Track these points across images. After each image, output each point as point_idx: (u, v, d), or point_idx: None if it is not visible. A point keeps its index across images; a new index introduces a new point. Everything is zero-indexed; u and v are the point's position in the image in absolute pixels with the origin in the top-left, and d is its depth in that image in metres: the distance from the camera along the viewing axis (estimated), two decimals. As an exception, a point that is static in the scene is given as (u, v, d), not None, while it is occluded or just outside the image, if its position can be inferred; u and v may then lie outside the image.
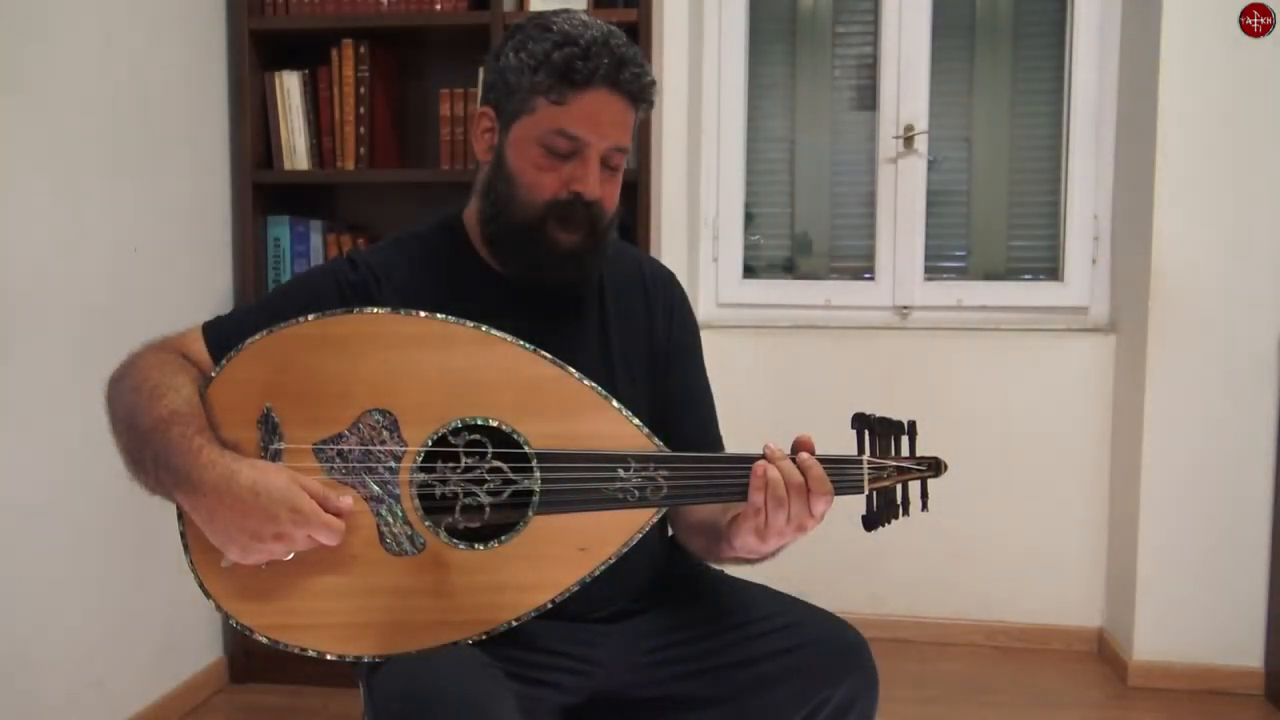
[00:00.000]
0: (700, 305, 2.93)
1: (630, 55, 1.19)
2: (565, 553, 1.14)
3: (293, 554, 1.10)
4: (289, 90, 2.45)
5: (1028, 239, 2.93)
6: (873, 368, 2.82)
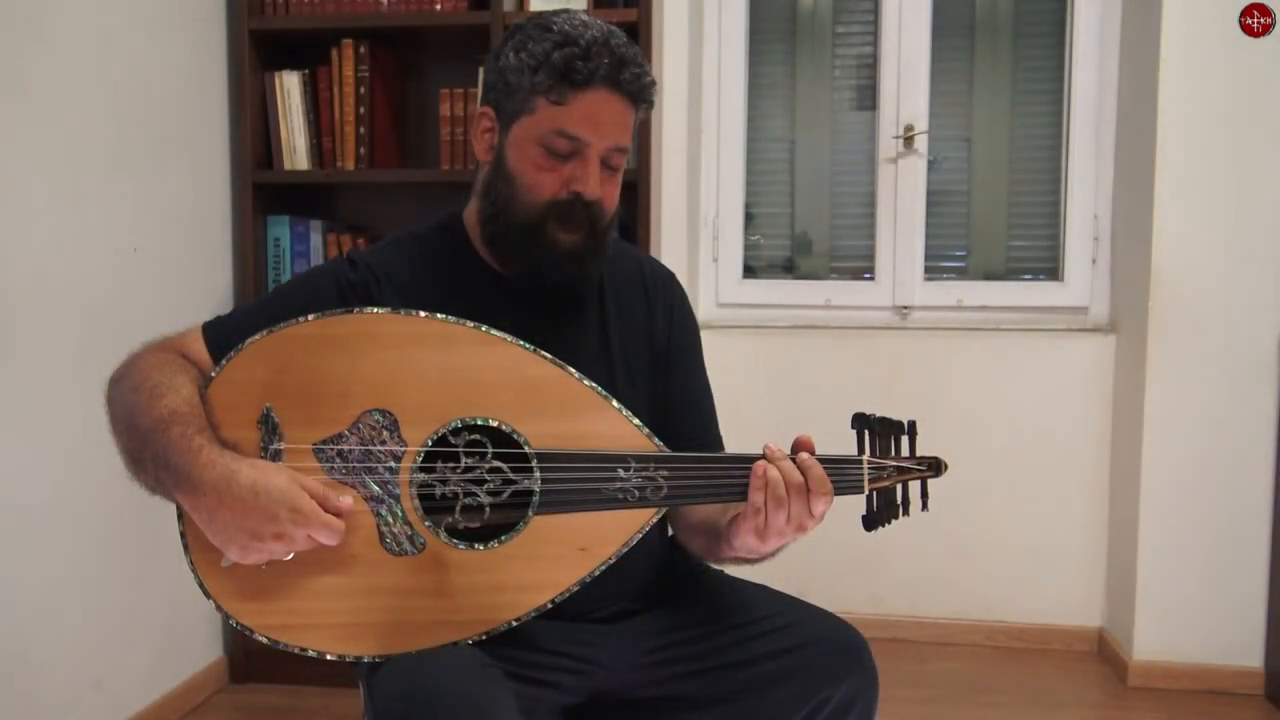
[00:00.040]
0: (700, 305, 2.93)
1: (630, 55, 1.19)
2: (565, 553, 1.14)
3: (293, 554, 1.10)
4: (289, 90, 2.45)
5: (1028, 239, 2.93)
6: (873, 368, 2.82)
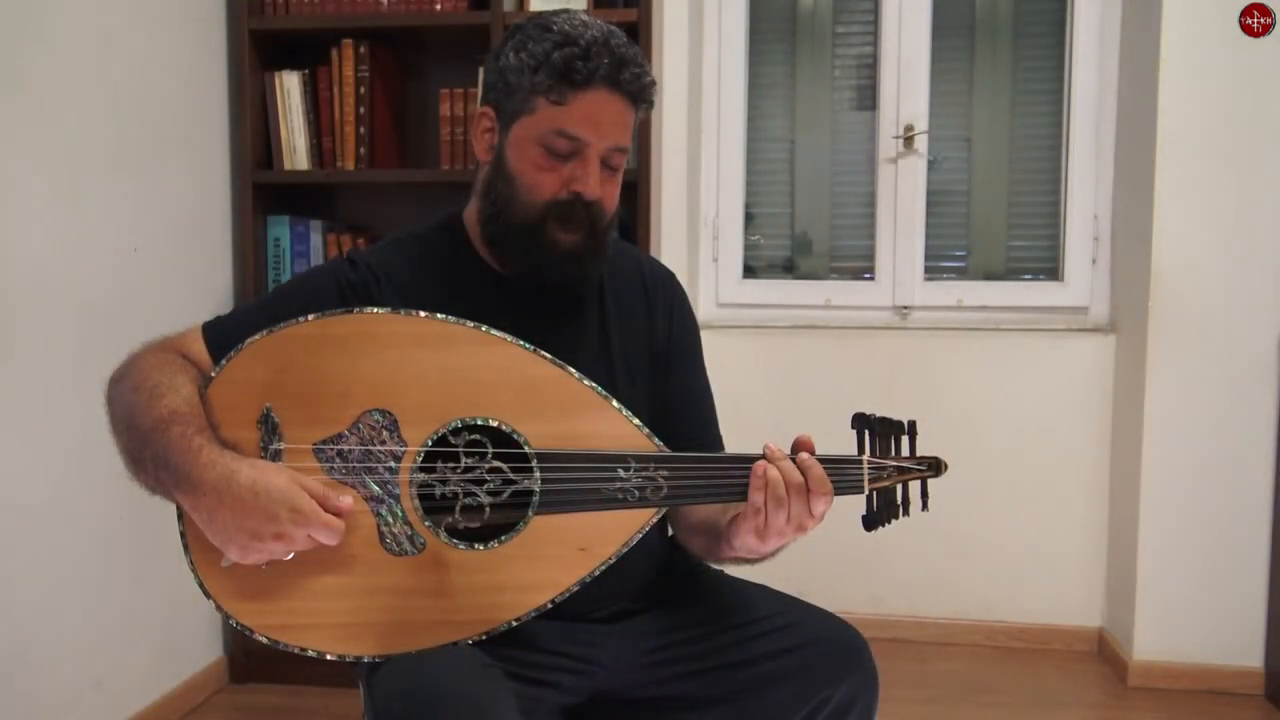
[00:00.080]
0: (700, 305, 2.93)
1: (630, 55, 1.19)
2: (565, 553, 1.14)
3: (293, 554, 1.10)
4: (289, 90, 2.45)
5: (1028, 239, 2.93)
6: (873, 368, 2.82)
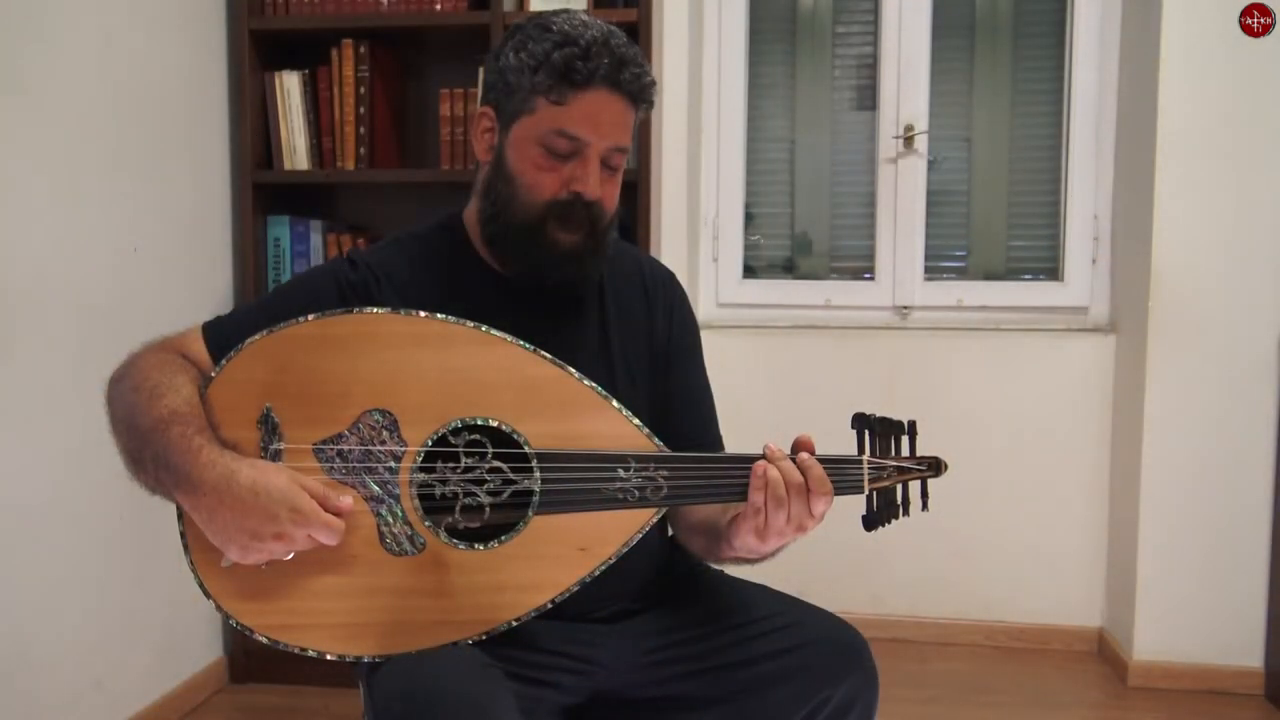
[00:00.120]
0: (700, 305, 2.93)
1: (630, 55, 1.19)
2: (565, 553, 1.14)
3: (293, 554, 1.10)
4: (289, 90, 2.45)
5: (1028, 239, 2.93)
6: (873, 368, 2.82)
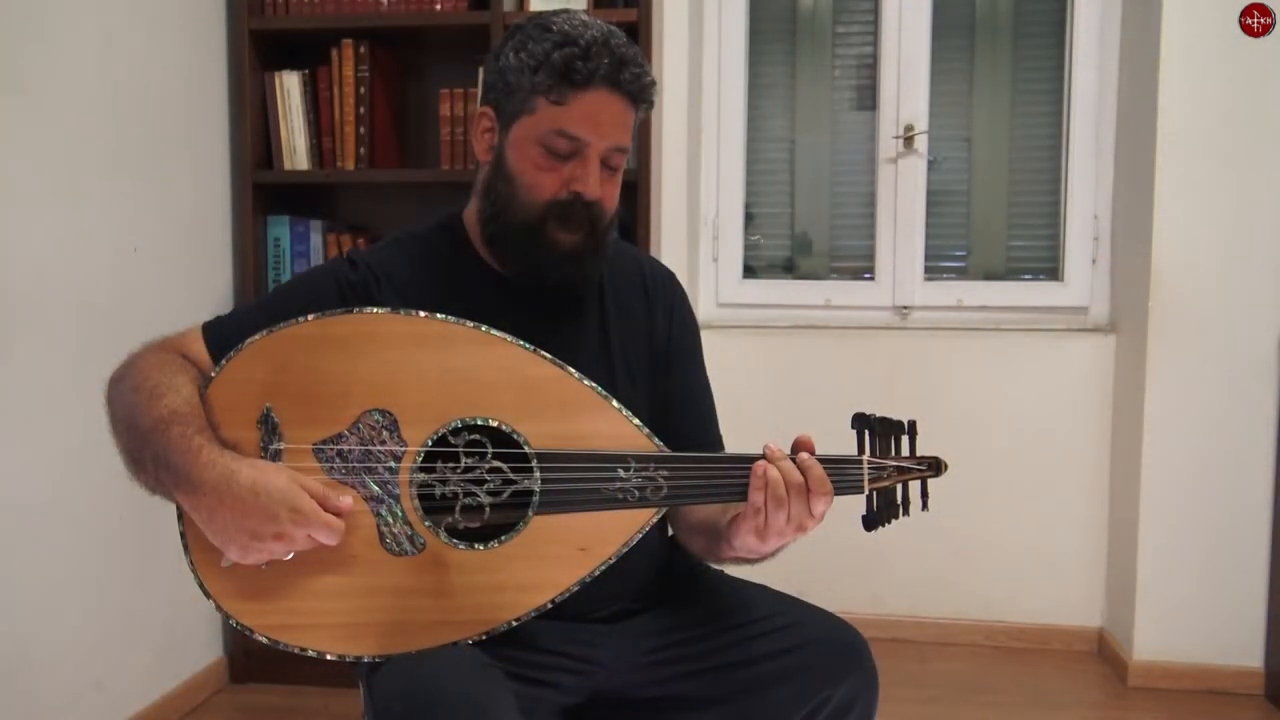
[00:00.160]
0: (700, 305, 2.93)
1: (630, 55, 1.19)
2: (565, 553, 1.14)
3: (293, 554, 1.10)
4: (289, 90, 2.45)
5: (1028, 239, 2.93)
6: (873, 368, 2.82)
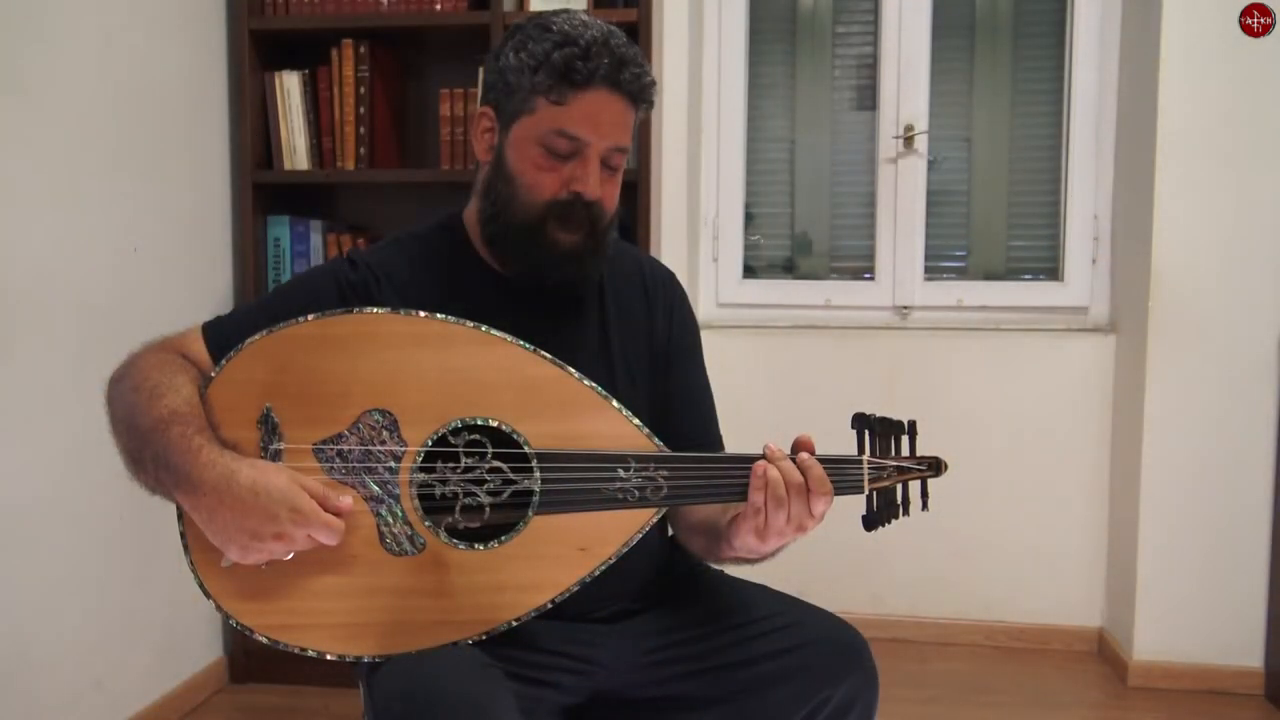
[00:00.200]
0: (700, 305, 2.93)
1: (630, 55, 1.19)
2: (565, 553, 1.14)
3: (293, 554, 1.10)
4: (289, 90, 2.45)
5: (1028, 239, 2.93)
6: (873, 368, 2.82)
